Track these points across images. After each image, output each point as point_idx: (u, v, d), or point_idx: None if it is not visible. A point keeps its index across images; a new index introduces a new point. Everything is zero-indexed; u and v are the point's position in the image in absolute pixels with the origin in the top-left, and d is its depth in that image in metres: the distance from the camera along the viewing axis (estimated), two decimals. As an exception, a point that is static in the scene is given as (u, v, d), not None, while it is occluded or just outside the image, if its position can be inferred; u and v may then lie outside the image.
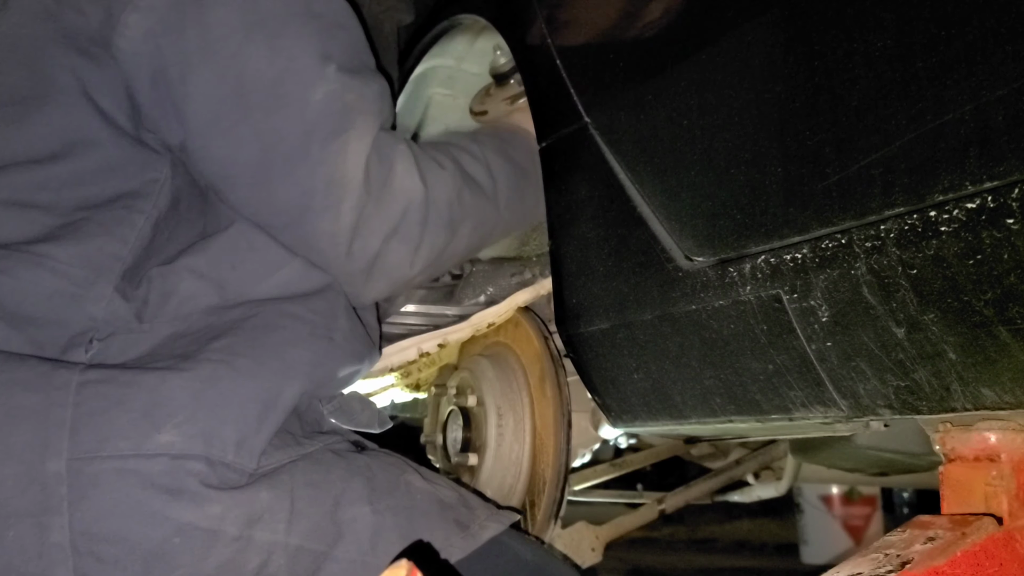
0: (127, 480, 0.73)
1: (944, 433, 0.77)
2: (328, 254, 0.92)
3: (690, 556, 4.51)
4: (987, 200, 0.56)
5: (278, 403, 0.83)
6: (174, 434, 0.75)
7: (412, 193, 0.95)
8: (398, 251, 0.95)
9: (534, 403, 1.13)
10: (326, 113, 0.88)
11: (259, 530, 0.77)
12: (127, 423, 0.75)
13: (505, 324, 1.21)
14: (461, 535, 0.86)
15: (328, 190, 0.88)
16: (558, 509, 1.07)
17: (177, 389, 0.77)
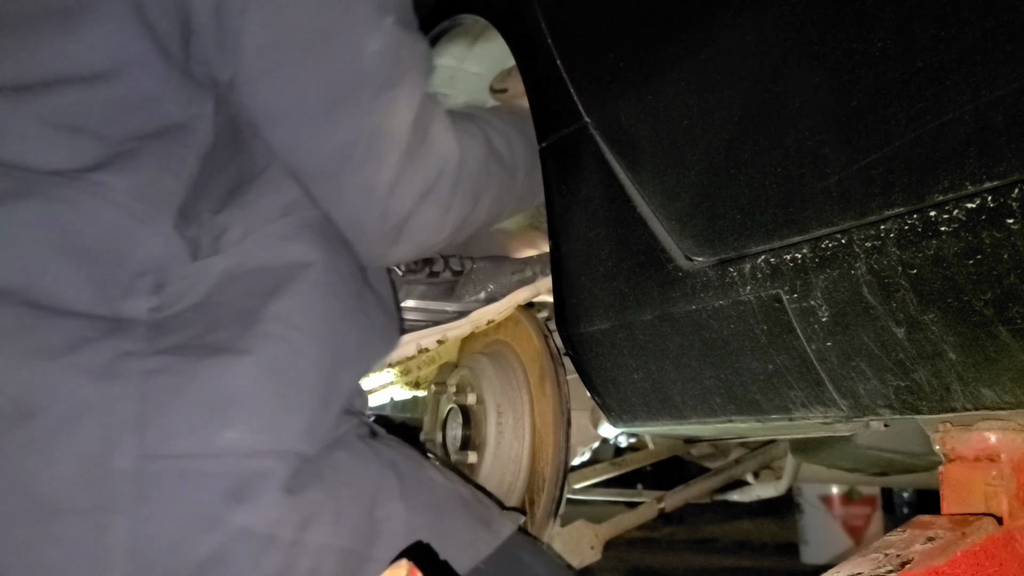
0: (191, 482, 0.71)
1: (944, 433, 0.77)
2: (360, 209, 0.89)
3: (690, 556, 4.52)
4: (987, 200, 0.56)
5: (337, 388, 0.81)
6: (241, 429, 0.73)
7: (448, 155, 0.94)
8: (429, 212, 0.94)
9: (534, 401, 1.13)
10: (380, 64, 0.86)
11: (311, 533, 0.75)
12: (193, 418, 0.72)
13: (505, 322, 1.21)
14: (486, 531, 0.86)
15: (372, 142, 0.86)
16: (557, 507, 1.07)
17: (241, 378, 0.74)
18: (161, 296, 0.76)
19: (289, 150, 0.88)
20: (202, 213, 0.81)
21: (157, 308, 0.76)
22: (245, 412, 0.74)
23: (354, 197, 0.89)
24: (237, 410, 0.73)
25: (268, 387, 0.75)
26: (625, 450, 1.88)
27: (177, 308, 0.77)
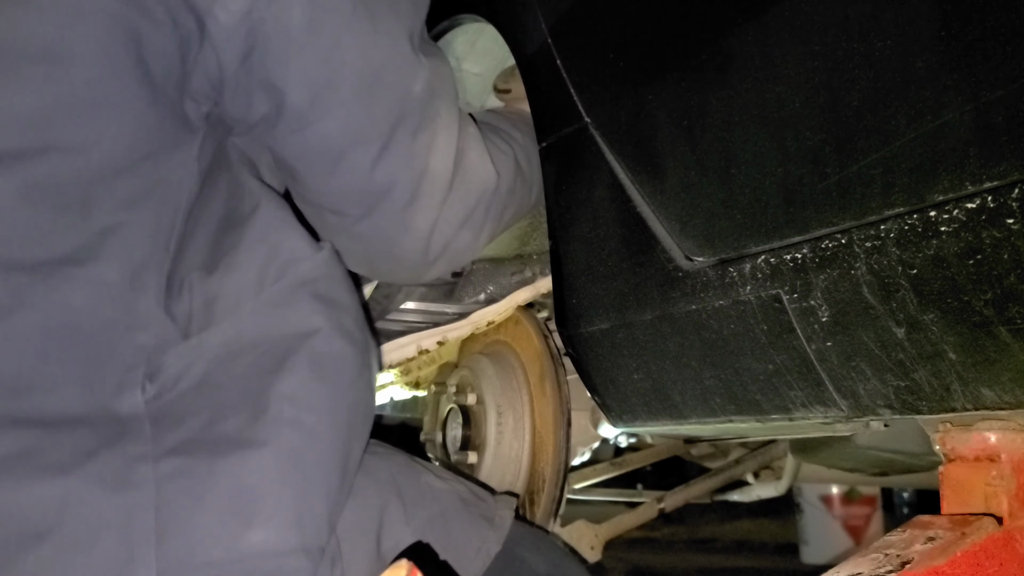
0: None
1: (944, 433, 0.77)
2: (401, 245, 0.89)
3: (690, 556, 4.51)
4: (987, 200, 0.56)
5: (350, 463, 0.79)
6: (266, 529, 0.69)
7: (487, 182, 0.94)
8: (466, 238, 0.95)
9: (534, 401, 1.13)
10: (422, 102, 0.85)
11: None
12: (216, 525, 0.68)
13: (505, 322, 1.21)
14: (491, 530, 0.86)
15: (419, 184, 0.86)
16: (557, 507, 1.07)
17: (260, 473, 0.70)
18: (157, 384, 0.71)
19: (328, 194, 0.86)
20: (189, 275, 0.75)
21: (155, 396, 0.71)
22: (268, 509, 0.70)
23: (395, 234, 0.88)
24: (259, 509, 0.70)
25: (288, 479, 0.72)
26: (625, 450, 1.88)
27: (176, 392, 0.72)
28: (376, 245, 0.90)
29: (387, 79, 0.83)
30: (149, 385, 0.70)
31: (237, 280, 0.77)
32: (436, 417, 1.26)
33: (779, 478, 1.82)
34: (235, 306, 0.76)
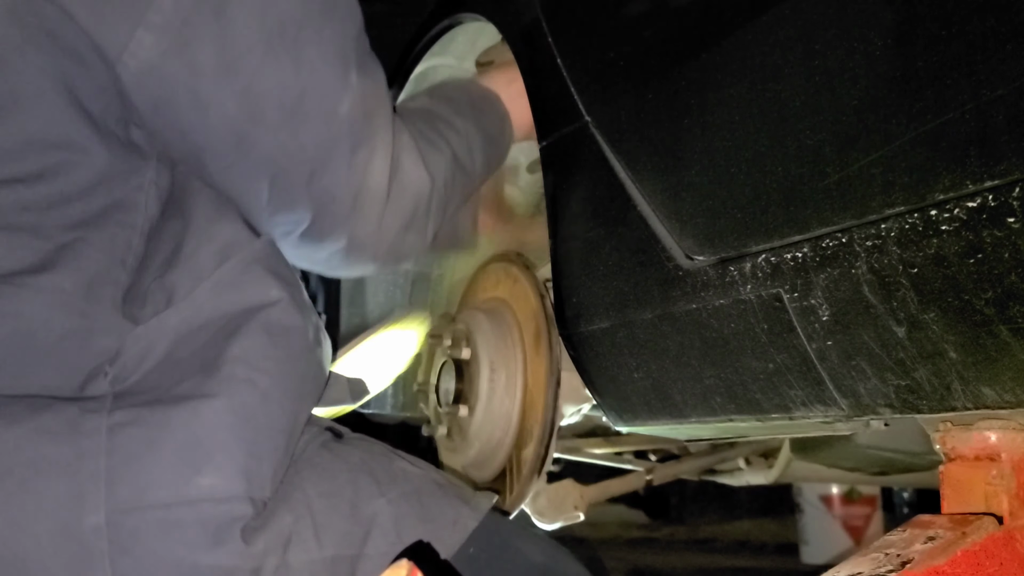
0: (170, 532, 0.71)
1: (944, 432, 0.77)
2: (347, 250, 0.92)
3: (690, 556, 4.52)
4: (988, 199, 0.56)
5: (296, 427, 0.83)
6: (215, 476, 0.73)
7: (421, 187, 0.96)
8: (411, 239, 0.97)
9: (527, 359, 1.13)
10: (351, 123, 0.86)
11: (293, 553, 0.77)
12: (166, 468, 0.71)
13: (503, 279, 1.22)
14: (467, 508, 0.88)
15: (357, 199, 0.88)
16: (542, 464, 1.08)
17: (211, 425, 0.74)
18: (117, 366, 0.75)
19: (268, 215, 0.87)
20: (150, 285, 0.79)
21: (116, 379, 0.75)
22: (219, 457, 0.74)
23: (340, 243, 0.91)
24: (209, 457, 0.73)
25: (238, 433, 0.75)
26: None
27: (140, 373, 0.76)
28: (323, 249, 0.92)
29: (309, 105, 0.83)
30: (109, 368, 0.75)
31: (190, 268, 0.80)
32: (430, 369, 1.26)
33: (771, 467, 1.81)
34: (191, 289, 0.79)
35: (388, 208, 0.91)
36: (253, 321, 0.80)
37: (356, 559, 0.80)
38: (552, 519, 1.31)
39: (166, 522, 0.71)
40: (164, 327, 0.78)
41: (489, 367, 1.14)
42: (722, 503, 5.16)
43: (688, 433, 1.08)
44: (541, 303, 1.11)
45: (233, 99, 0.80)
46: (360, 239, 0.91)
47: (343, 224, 0.89)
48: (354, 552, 0.80)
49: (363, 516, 0.82)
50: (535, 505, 1.29)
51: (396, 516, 0.83)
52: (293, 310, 0.83)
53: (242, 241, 0.85)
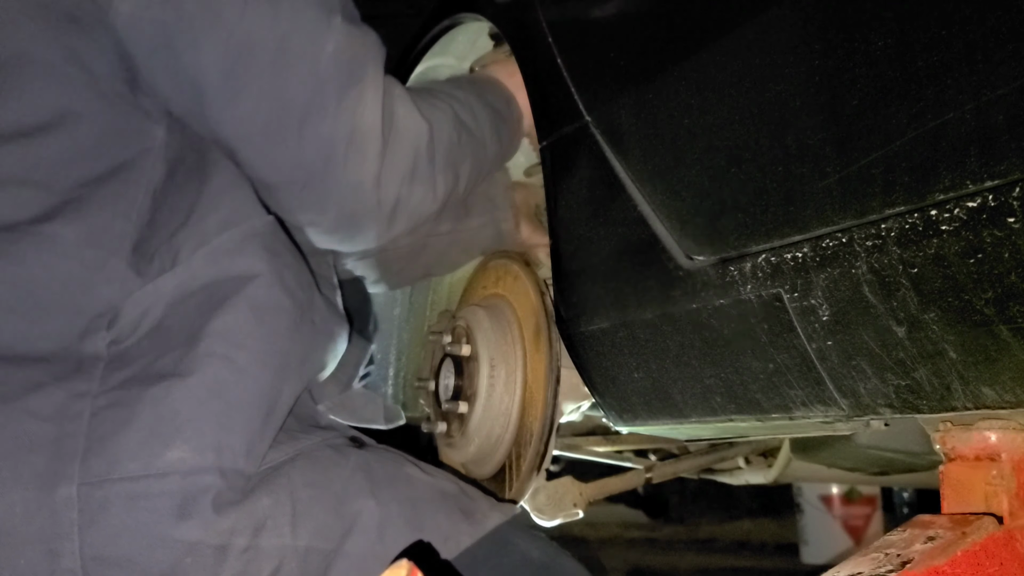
0: (137, 503, 0.72)
1: (944, 432, 0.77)
2: (353, 205, 0.93)
3: (690, 556, 4.52)
4: (988, 199, 0.56)
5: (278, 404, 0.83)
6: (184, 449, 0.74)
7: (419, 132, 0.96)
8: (418, 191, 0.97)
9: (527, 356, 1.13)
10: (338, 64, 0.88)
11: (265, 537, 0.77)
12: (136, 443, 0.73)
13: (504, 276, 1.21)
14: (467, 522, 0.86)
15: (351, 140, 0.89)
16: (542, 461, 1.08)
17: (183, 400, 0.76)
18: (115, 330, 0.78)
19: (268, 166, 0.89)
20: (161, 243, 0.82)
21: (114, 341, 0.78)
22: (187, 432, 0.75)
23: (345, 195, 0.91)
24: (179, 430, 0.75)
25: (210, 407, 0.77)
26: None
27: (135, 337, 0.79)
28: (329, 210, 0.93)
29: (293, 48, 0.86)
30: (107, 332, 0.77)
31: (196, 232, 0.83)
32: (430, 365, 1.26)
33: (770, 467, 1.81)
34: (191, 253, 0.82)
35: (386, 157, 0.92)
36: (238, 296, 0.81)
37: (332, 554, 0.80)
38: (551, 516, 1.31)
39: (133, 494, 0.72)
40: (160, 291, 0.80)
41: (489, 364, 1.14)
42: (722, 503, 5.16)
43: (688, 433, 1.08)
44: (541, 300, 1.11)
45: (219, 43, 0.84)
46: (361, 188, 0.91)
47: (340, 171, 0.89)
48: (331, 547, 0.80)
49: (347, 513, 0.82)
50: (534, 502, 1.29)
51: (383, 518, 0.82)
52: (279, 289, 0.84)
53: (248, 214, 0.87)
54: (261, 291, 0.83)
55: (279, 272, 0.85)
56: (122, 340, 0.78)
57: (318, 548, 0.79)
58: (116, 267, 0.79)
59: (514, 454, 1.13)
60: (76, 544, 0.71)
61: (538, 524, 1.18)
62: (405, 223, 0.99)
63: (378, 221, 0.96)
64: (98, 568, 0.71)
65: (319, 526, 0.80)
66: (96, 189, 0.80)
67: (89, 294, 0.78)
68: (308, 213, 0.93)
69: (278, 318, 0.84)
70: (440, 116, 1.01)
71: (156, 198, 0.83)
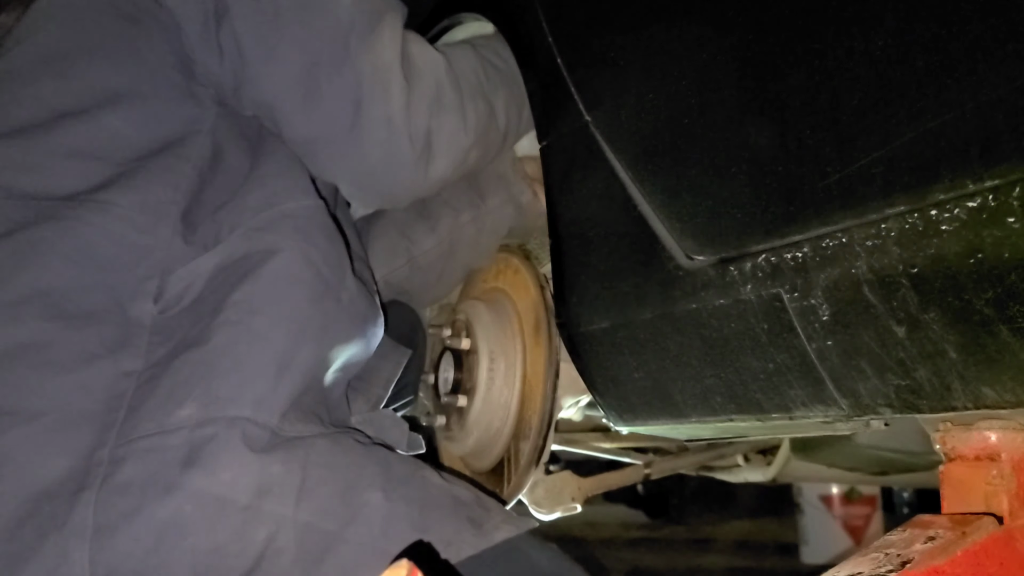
0: (148, 456, 0.77)
1: (944, 432, 0.77)
2: (389, 143, 0.97)
3: (690, 556, 4.52)
4: (988, 199, 0.56)
5: (292, 364, 0.85)
6: (193, 406, 0.79)
7: (435, 64, 1.01)
8: (449, 121, 1.01)
9: (526, 350, 1.13)
10: (358, 11, 0.95)
11: (268, 501, 0.78)
12: (154, 407, 0.79)
13: (504, 270, 1.22)
14: (473, 531, 0.86)
15: (376, 78, 0.95)
16: (540, 455, 1.08)
17: (197, 364, 0.81)
18: (163, 300, 0.84)
19: (305, 121, 0.95)
20: (206, 217, 0.89)
21: (162, 311, 0.84)
22: (198, 391, 0.79)
23: (380, 133, 0.96)
24: (191, 391, 0.79)
25: (220, 365, 0.81)
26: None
27: (178, 308, 0.85)
28: (368, 157, 0.97)
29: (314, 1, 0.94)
30: (156, 304, 0.84)
31: (238, 210, 0.90)
32: (430, 358, 1.26)
33: (770, 465, 1.81)
34: (232, 230, 0.88)
35: (412, 94, 0.97)
36: (260, 268, 0.86)
37: (332, 537, 0.80)
38: (550, 510, 1.31)
39: (148, 449, 0.77)
40: (202, 269, 0.86)
41: (488, 357, 1.15)
42: (722, 503, 5.16)
43: (688, 433, 1.09)
44: (541, 294, 1.11)
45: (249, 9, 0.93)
46: (391, 124, 0.96)
47: (370, 110, 0.95)
48: (332, 529, 0.80)
49: (354, 500, 0.82)
50: (532, 495, 1.29)
51: (389, 514, 0.83)
52: (302, 263, 0.88)
53: (287, 197, 0.92)
54: (282, 264, 0.87)
55: (304, 250, 0.89)
56: (165, 312, 0.84)
57: (318, 527, 0.80)
58: (163, 232, 0.86)
59: (513, 447, 1.13)
60: (94, 494, 0.75)
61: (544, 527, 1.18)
62: (443, 160, 1.02)
63: (415, 159, 0.99)
64: (105, 515, 0.75)
65: (324, 506, 0.81)
66: (149, 162, 0.88)
67: (139, 255, 0.84)
68: (348, 164, 0.98)
69: (298, 288, 0.87)
70: (458, 51, 1.06)
71: (203, 174, 0.90)
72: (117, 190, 0.86)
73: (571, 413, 1.28)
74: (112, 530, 0.75)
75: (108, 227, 0.84)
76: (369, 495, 0.83)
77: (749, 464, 1.85)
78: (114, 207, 0.85)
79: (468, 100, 1.03)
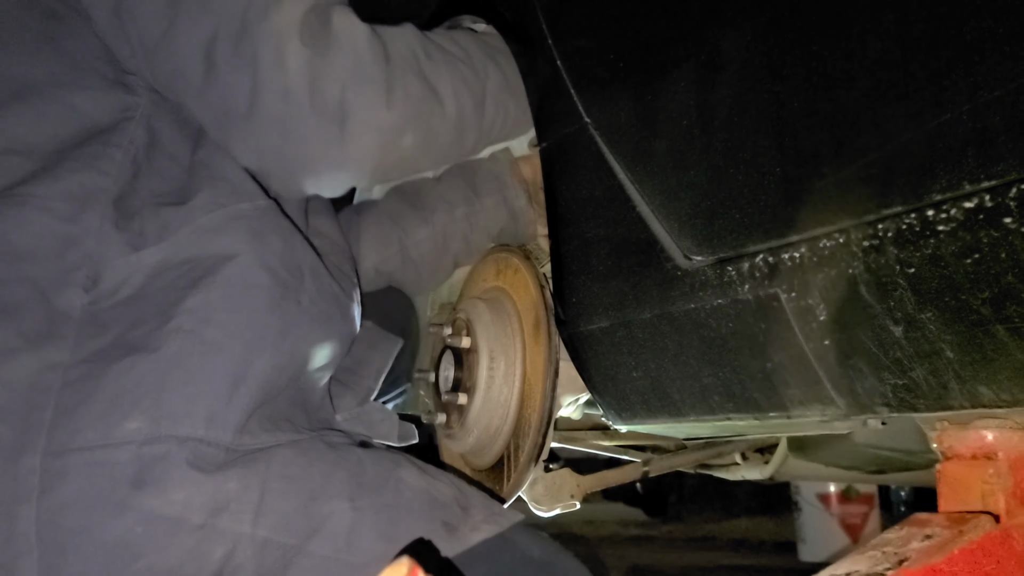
0: (94, 471, 0.73)
1: (941, 431, 0.77)
2: (288, 116, 0.90)
3: (689, 554, 4.52)
4: (985, 199, 0.56)
5: (248, 376, 0.81)
6: (141, 420, 0.75)
7: (355, 36, 0.94)
8: (364, 93, 0.93)
9: (526, 349, 1.14)
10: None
11: (224, 519, 0.76)
12: (96, 414, 0.75)
13: (504, 269, 1.22)
14: (447, 537, 0.84)
15: (270, 49, 0.89)
16: (540, 452, 1.08)
17: (145, 373, 0.77)
18: (96, 291, 0.80)
19: (208, 102, 0.90)
20: (145, 206, 0.84)
21: (92, 303, 0.80)
22: (146, 402, 0.76)
23: (278, 107, 0.90)
24: (138, 402, 0.76)
25: (172, 377, 0.77)
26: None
27: (112, 301, 0.80)
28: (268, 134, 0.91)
29: None
30: (86, 294, 0.79)
31: (184, 209, 0.85)
32: (430, 357, 1.26)
33: (767, 463, 1.81)
34: (178, 228, 0.84)
35: (319, 59, 0.91)
36: (214, 275, 0.82)
37: (294, 551, 0.78)
38: (549, 507, 1.31)
39: (91, 462, 0.73)
40: (143, 263, 0.82)
41: (488, 356, 1.15)
42: (720, 501, 5.16)
43: (686, 432, 1.09)
44: (541, 293, 1.12)
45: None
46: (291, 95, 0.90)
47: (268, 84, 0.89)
48: (293, 543, 0.78)
49: (317, 512, 0.80)
50: (532, 492, 1.29)
51: (354, 524, 0.80)
52: (258, 268, 0.84)
53: (239, 197, 0.88)
54: (237, 270, 0.83)
55: (260, 253, 0.85)
56: (99, 302, 0.80)
57: (278, 542, 0.78)
58: (90, 220, 0.81)
59: (512, 445, 1.14)
60: (33, 509, 0.72)
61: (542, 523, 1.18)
62: (364, 136, 0.95)
63: (321, 132, 0.92)
64: (52, 533, 0.72)
65: (283, 520, 0.78)
66: (74, 151, 0.84)
67: (63, 244, 0.80)
68: (252, 144, 0.92)
69: (254, 295, 0.83)
70: (394, 29, 0.99)
71: (137, 161, 0.86)
72: (36, 182, 0.82)
73: (570, 411, 1.28)
74: (60, 551, 0.72)
75: (25, 218, 0.80)
76: (334, 505, 0.81)
77: (747, 462, 1.85)
78: (31, 198, 0.81)
79: (396, 76, 0.95)
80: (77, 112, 0.86)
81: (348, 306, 0.97)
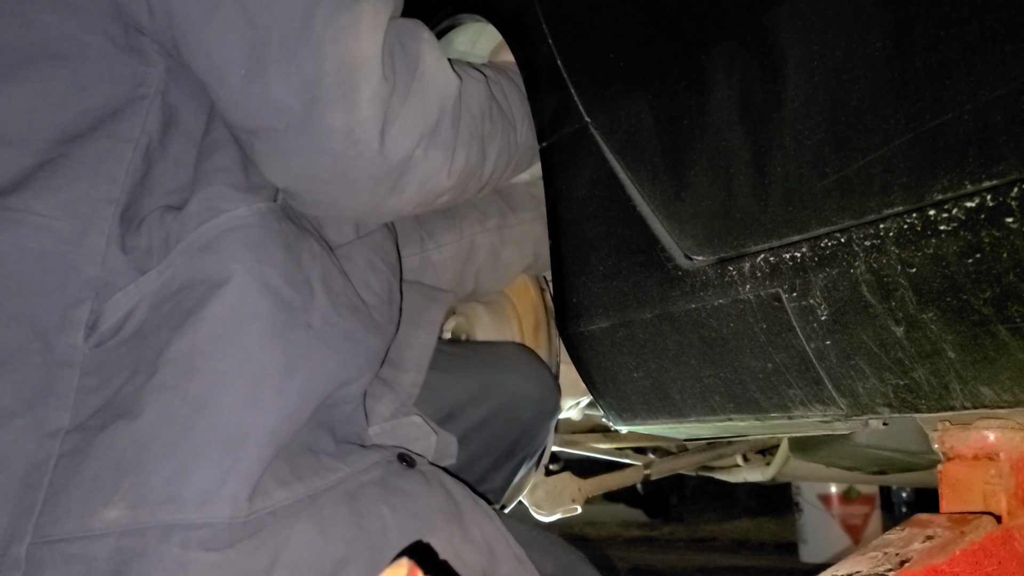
0: (71, 567, 0.64)
1: (943, 432, 0.77)
2: (343, 156, 0.77)
3: (690, 555, 4.53)
4: (986, 199, 0.56)
5: (248, 434, 0.68)
6: (120, 507, 0.65)
7: (448, 88, 0.82)
8: (435, 157, 0.83)
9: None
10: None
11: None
12: (77, 499, 0.65)
13: None
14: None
15: (339, 75, 0.74)
16: (540, 456, 1.08)
17: (126, 448, 0.66)
18: (99, 330, 0.69)
19: (241, 107, 0.76)
20: (152, 212, 0.73)
21: (97, 344, 0.70)
22: (126, 485, 0.65)
23: (335, 145, 0.77)
24: (118, 484, 0.66)
25: (151, 450, 0.66)
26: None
27: (116, 340, 0.70)
28: (312, 167, 0.78)
29: None
30: (89, 335, 0.69)
31: (182, 218, 0.73)
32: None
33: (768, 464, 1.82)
34: (175, 243, 0.72)
35: (399, 101, 0.78)
36: (203, 309, 0.70)
37: None
38: (550, 511, 1.32)
39: (68, 556, 0.65)
40: (146, 292, 0.71)
41: None
42: (721, 502, 5.17)
43: (687, 432, 1.09)
44: (541, 296, 1.12)
45: None
46: (363, 132, 0.76)
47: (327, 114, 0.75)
48: None
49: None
50: (533, 497, 1.30)
51: None
52: (256, 292, 0.72)
53: (238, 196, 0.75)
54: (229, 299, 0.70)
55: (258, 271, 0.72)
56: (103, 343, 0.70)
57: None
58: (95, 243, 0.70)
59: None
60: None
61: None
62: (413, 193, 0.83)
63: (375, 184, 0.80)
64: None
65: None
66: (76, 148, 0.71)
67: (64, 274, 0.69)
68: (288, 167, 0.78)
69: (249, 329, 0.71)
70: (472, 80, 0.88)
71: (150, 153, 0.73)
72: (33, 192, 0.69)
73: (571, 414, 1.29)
74: None
75: (22, 243, 0.68)
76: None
77: (748, 464, 1.85)
78: (29, 215, 0.68)
79: (463, 142, 0.86)
80: (80, 89, 0.72)
81: (375, 314, 0.84)
